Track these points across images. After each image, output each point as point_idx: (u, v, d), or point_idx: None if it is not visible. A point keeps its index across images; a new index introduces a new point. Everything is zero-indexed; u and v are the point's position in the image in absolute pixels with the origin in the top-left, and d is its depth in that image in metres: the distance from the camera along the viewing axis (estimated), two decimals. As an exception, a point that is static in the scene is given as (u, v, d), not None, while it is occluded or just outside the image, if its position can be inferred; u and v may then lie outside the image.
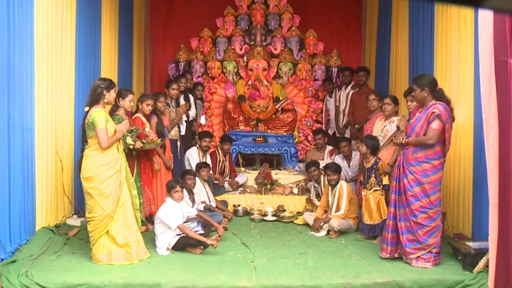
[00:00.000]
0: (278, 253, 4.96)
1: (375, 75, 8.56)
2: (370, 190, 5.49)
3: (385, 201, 5.44)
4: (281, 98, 8.42)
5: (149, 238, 5.25)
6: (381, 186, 5.45)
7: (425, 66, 6.36)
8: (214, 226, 5.33)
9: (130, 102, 5.32)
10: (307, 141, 8.68)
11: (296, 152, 8.25)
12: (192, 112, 7.33)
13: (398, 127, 5.45)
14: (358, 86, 7.58)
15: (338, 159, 7.12)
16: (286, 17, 8.59)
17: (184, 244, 4.88)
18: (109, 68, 6.89)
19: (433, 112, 4.43)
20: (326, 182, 6.39)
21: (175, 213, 4.92)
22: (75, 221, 5.70)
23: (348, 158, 7.08)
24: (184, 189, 5.21)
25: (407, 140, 4.53)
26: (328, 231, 5.76)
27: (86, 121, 4.39)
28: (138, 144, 5.13)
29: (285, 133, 8.38)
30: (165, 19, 9.23)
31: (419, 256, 4.52)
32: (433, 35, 6.14)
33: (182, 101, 7.04)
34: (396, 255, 4.70)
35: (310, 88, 8.71)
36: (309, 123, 8.73)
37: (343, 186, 5.88)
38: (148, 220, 5.73)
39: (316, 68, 8.69)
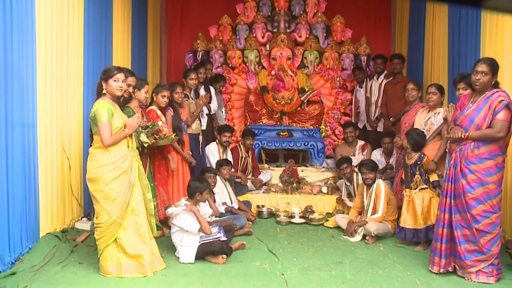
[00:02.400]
0: (311, 262, 4.37)
1: (407, 64, 7.86)
2: (415, 189, 4.86)
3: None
4: (306, 89, 7.79)
5: (165, 245, 4.73)
6: (429, 184, 4.81)
7: (468, 54, 5.68)
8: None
9: (146, 94, 4.81)
10: (335, 135, 8.05)
11: (324, 147, 7.63)
12: (214, 105, 6.74)
13: (445, 119, 4.80)
14: (392, 75, 6.91)
15: (377, 155, 6.50)
16: (311, 2, 7.92)
17: (205, 253, 4.32)
18: (121, 58, 6.36)
19: (501, 101, 3.79)
20: (360, 181, 5.79)
21: (190, 217, 4.37)
22: (85, 225, 5.19)
23: (388, 154, 6.44)
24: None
25: (467, 134, 3.88)
26: (364, 236, 5.16)
27: (90, 115, 3.86)
28: (150, 140, 4.59)
29: (311, 127, 7.74)
30: (182, 6, 8.64)
31: (480, 270, 3.88)
32: (479, 19, 5.44)
33: (202, 92, 6.46)
34: (450, 269, 4.06)
35: (338, 78, 8.05)
36: (336, 116, 8.10)
37: (381, 186, 5.25)
38: (164, 223, 5.20)
39: (344, 56, 8.02)
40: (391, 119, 6.68)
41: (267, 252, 4.66)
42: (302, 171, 7.22)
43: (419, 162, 4.83)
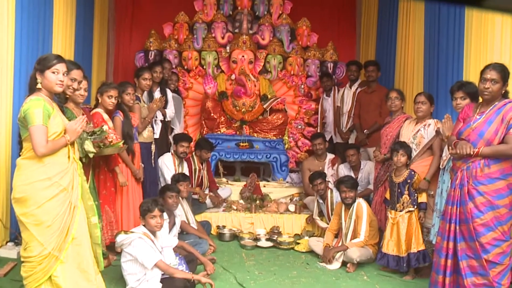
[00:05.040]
0: (290, 299, 3.68)
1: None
2: (401, 211, 4.29)
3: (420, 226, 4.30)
4: (269, 96, 7.14)
5: (113, 277, 3.90)
6: (416, 206, 4.27)
7: (449, 59, 5.24)
8: (200, 260, 4.00)
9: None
10: (297, 147, 7.45)
11: (287, 160, 6.99)
12: (170, 111, 5.89)
13: (438, 132, 4.30)
14: (367, 84, 6.38)
15: (344, 169, 5.91)
16: (276, 2, 7.31)
17: (163, 290, 3.52)
18: (63, 50, 5.36)
19: None
20: (335, 199, 5.19)
21: (148, 246, 3.57)
22: (10, 252, 4.25)
23: (355, 168, 5.87)
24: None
25: (476, 150, 3.34)
26: (343, 263, 4.54)
27: (19, 115, 2.97)
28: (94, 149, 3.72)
29: (274, 138, 7.08)
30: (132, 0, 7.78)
31: (488, 307, 3.34)
32: (462, 20, 5.01)
33: (157, 94, 5.63)
34: (455, 306, 3.50)
35: (302, 86, 7.47)
36: (300, 126, 7.50)
37: (362, 206, 4.65)
38: (110, 249, 4.33)
39: (310, 62, 7.45)
40: (365, 131, 6.14)
41: (236, 286, 3.92)
42: (264, 186, 6.55)
43: (409, 181, 4.27)
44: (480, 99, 3.66)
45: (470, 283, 3.38)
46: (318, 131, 7.22)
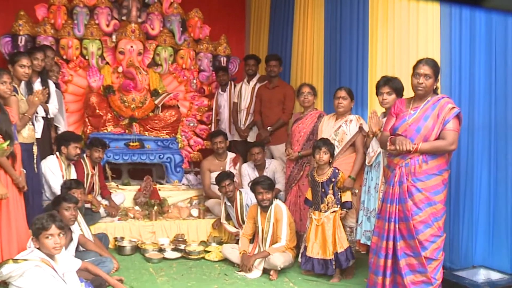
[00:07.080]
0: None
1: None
2: (325, 211, 4.09)
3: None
4: (160, 91, 6.55)
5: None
6: (340, 205, 4.10)
7: (353, 54, 5.23)
8: (109, 283, 3.36)
9: None
10: (189, 147, 6.96)
11: (182, 160, 6.47)
12: (53, 106, 4.99)
13: (361, 129, 4.18)
14: (268, 79, 6.10)
15: (248, 169, 5.60)
16: (168, -10, 6.75)
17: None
18: None
19: (452, 109, 3.26)
20: (245, 201, 4.88)
21: (48, 276, 2.85)
22: None
23: (260, 168, 5.57)
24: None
25: (415, 146, 3.24)
26: (264, 270, 4.21)
27: None
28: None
29: (167, 136, 6.49)
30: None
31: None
32: (366, 8, 5.00)
33: (37, 86, 4.72)
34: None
35: (195, 81, 7.00)
36: (192, 124, 7.01)
37: (282, 208, 4.35)
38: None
39: (202, 56, 7.01)
40: (268, 128, 5.85)
41: (155, 308, 3.37)
42: (159, 190, 5.94)
43: (333, 179, 4.08)
44: (409, 94, 3.60)
45: (409, 281, 3.32)
46: (212, 128, 6.84)
